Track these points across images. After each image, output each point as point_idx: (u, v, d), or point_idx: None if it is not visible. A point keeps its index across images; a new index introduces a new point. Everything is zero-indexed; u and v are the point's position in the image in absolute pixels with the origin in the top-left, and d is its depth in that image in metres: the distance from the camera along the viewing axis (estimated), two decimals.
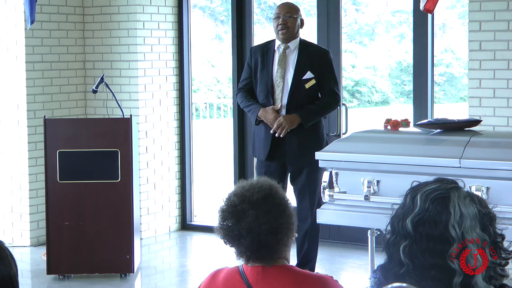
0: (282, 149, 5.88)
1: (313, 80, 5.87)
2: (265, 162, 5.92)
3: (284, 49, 5.93)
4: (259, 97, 5.97)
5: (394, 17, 16.04)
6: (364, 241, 6.14)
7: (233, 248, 2.79)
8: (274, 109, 5.84)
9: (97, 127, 6.32)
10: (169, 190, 8.03)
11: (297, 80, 5.86)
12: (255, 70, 6.01)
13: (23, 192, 7.48)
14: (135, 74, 7.68)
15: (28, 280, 6.52)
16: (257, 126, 5.96)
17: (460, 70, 16.07)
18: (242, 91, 6.07)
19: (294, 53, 5.92)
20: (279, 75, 5.90)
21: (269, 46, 6.02)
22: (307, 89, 5.87)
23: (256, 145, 6.02)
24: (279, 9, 5.97)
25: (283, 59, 5.91)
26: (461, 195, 2.23)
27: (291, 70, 5.89)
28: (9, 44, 7.47)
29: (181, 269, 6.88)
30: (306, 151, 5.81)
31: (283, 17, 5.89)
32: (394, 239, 2.25)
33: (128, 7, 7.67)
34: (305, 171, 5.87)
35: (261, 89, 5.96)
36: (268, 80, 5.92)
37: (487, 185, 4.43)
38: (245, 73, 6.11)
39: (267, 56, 5.96)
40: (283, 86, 5.88)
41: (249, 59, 6.08)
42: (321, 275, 2.77)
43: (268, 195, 2.76)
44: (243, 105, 6.05)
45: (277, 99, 5.88)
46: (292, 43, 5.93)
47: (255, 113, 5.91)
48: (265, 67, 5.94)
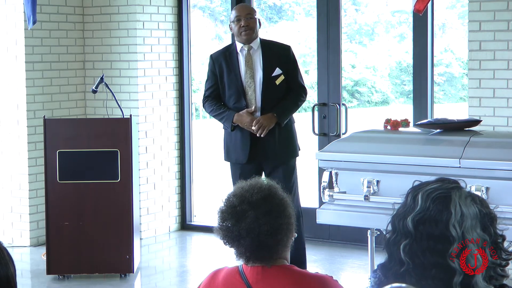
0: (261, 150, 5.91)
1: (282, 76, 5.94)
2: (242, 164, 5.94)
3: (248, 50, 5.96)
4: (229, 102, 5.98)
5: (394, 17, 16.04)
6: (364, 241, 6.14)
7: (233, 249, 2.78)
8: (249, 112, 5.87)
9: (97, 127, 6.32)
10: (169, 190, 8.03)
11: (267, 78, 5.91)
12: (220, 76, 6.01)
13: (23, 192, 7.48)
14: (135, 74, 7.68)
15: (28, 280, 6.52)
16: (232, 131, 5.96)
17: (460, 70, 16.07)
18: (209, 99, 6.06)
19: (258, 52, 5.97)
20: (248, 76, 5.93)
21: (230, 50, 6.05)
22: (277, 85, 5.93)
23: (231, 150, 6.01)
24: (238, 11, 5.98)
25: (249, 60, 5.95)
26: (462, 195, 2.23)
27: (260, 69, 5.94)
28: (9, 44, 7.47)
29: (181, 269, 6.88)
30: (282, 149, 5.90)
31: (245, 18, 5.92)
32: (395, 238, 2.25)
33: (128, 7, 7.67)
34: (280, 169, 5.91)
35: (231, 93, 5.97)
36: (238, 83, 5.94)
37: (487, 185, 4.43)
38: (209, 81, 6.09)
39: (231, 60, 5.99)
40: (254, 86, 5.92)
41: (212, 66, 6.07)
42: (321, 275, 2.77)
43: (267, 195, 2.76)
44: (214, 113, 6.03)
45: (251, 99, 5.91)
46: (254, 43, 5.98)
47: (229, 120, 5.92)
48: (232, 71, 5.96)
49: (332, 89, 7.33)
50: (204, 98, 6.14)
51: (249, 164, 5.92)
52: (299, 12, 15.06)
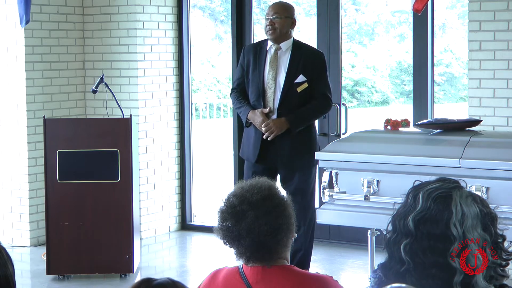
0: (273, 153, 5.79)
1: (305, 84, 5.77)
2: (254, 164, 5.85)
3: (276, 50, 5.84)
4: (250, 98, 5.90)
5: (394, 17, 16.04)
6: (364, 241, 6.14)
7: (233, 249, 2.78)
8: (263, 112, 5.75)
9: (97, 127, 6.31)
10: (169, 190, 8.03)
11: (289, 83, 5.77)
12: (247, 70, 5.93)
13: (22, 192, 7.48)
14: (135, 74, 7.68)
15: (28, 280, 6.52)
16: (248, 128, 5.91)
17: (460, 70, 16.06)
18: (235, 91, 6.01)
19: (287, 54, 5.83)
20: (270, 77, 5.81)
21: (262, 46, 5.93)
22: (299, 92, 5.78)
23: (245, 146, 5.95)
24: (268, 9, 5.91)
25: (274, 60, 5.83)
26: (463, 194, 2.23)
27: (283, 72, 5.80)
28: (9, 44, 7.46)
29: (181, 269, 6.88)
30: (298, 154, 5.77)
31: (271, 17, 5.82)
32: (395, 237, 2.25)
33: (128, 7, 7.67)
34: (297, 174, 5.79)
35: (252, 90, 5.89)
36: (259, 82, 5.83)
37: (487, 185, 4.43)
38: (238, 73, 6.03)
39: (259, 56, 5.88)
40: (274, 88, 5.80)
41: (242, 59, 5.99)
42: (321, 275, 2.77)
43: (267, 195, 2.76)
44: (235, 106, 5.99)
45: (269, 101, 5.79)
46: (284, 44, 5.84)
47: (245, 115, 5.85)
48: (256, 68, 5.86)
49: (332, 89, 7.32)
50: (231, 89, 6.11)
51: (261, 165, 5.81)
52: (299, 12, 15.07)
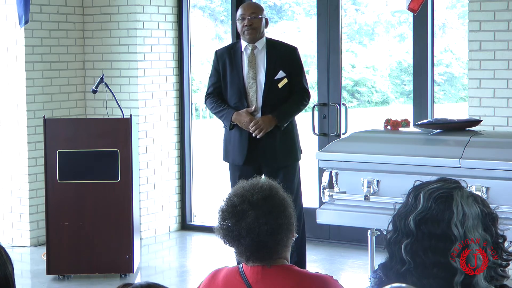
0: (259, 152, 5.82)
1: (285, 79, 5.84)
2: (240, 166, 5.86)
3: (252, 49, 5.87)
4: (230, 101, 5.90)
5: (394, 17, 16.03)
6: (364, 241, 6.14)
7: (233, 248, 2.78)
8: (248, 112, 5.79)
9: (97, 127, 6.31)
10: (169, 190, 8.02)
11: (270, 81, 5.81)
12: (223, 73, 5.93)
13: (22, 192, 7.48)
14: (135, 74, 7.68)
15: (28, 280, 6.52)
16: (231, 130, 5.89)
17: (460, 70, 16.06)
18: (211, 96, 5.98)
19: (263, 52, 5.87)
20: (250, 76, 5.84)
21: (236, 47, 5.95)
22: (280, 88, 5.84)
23: (229, 150, 5.93)
24: (243, 9, 5.89)
25: (252, 59, 5.86)
26: (464, 194, 2.23)
27: (263, 70, 5.84)
28: (9, 44, 7.46)
29: (181, 269, 6.88)
30: (282, 152, 5.81)
31: (248, 17, 5.82)
32: (396, 237, 2.25)
33: (128, 7, 7.67)
34: (281, 172, 5.82)
35: (233, 92, 5.89)
36: (240, 83, 5.85)
37: (487, 185, 4.43)
38: (212, 78, 6.00)
39: (235, 58, 5.89)
40: (256, 87, 5.83)
41: (216, 63, 5.98)
42: (321, 275, 2.77)
43: (268, 195, 2.76)
44: (214, 110, 5.96)
45: (252, 101, 5.83)
46: (259, 43, 5.88)
47: (228, 118, 5.84)
48: (234, 69, 5.87)
49: (332, 89, 7.33)
50: (206, 95, 6.06)
51: (247, 166, 5.83)
52: (299, 12, 15.06)
